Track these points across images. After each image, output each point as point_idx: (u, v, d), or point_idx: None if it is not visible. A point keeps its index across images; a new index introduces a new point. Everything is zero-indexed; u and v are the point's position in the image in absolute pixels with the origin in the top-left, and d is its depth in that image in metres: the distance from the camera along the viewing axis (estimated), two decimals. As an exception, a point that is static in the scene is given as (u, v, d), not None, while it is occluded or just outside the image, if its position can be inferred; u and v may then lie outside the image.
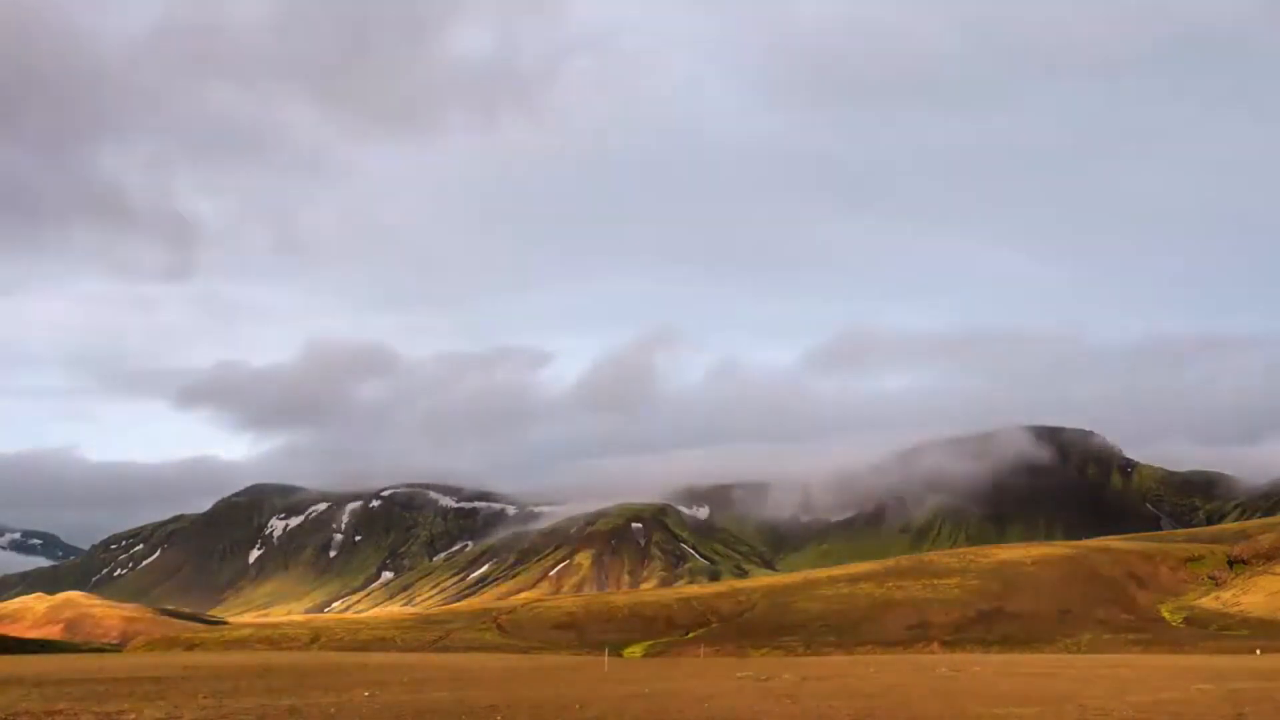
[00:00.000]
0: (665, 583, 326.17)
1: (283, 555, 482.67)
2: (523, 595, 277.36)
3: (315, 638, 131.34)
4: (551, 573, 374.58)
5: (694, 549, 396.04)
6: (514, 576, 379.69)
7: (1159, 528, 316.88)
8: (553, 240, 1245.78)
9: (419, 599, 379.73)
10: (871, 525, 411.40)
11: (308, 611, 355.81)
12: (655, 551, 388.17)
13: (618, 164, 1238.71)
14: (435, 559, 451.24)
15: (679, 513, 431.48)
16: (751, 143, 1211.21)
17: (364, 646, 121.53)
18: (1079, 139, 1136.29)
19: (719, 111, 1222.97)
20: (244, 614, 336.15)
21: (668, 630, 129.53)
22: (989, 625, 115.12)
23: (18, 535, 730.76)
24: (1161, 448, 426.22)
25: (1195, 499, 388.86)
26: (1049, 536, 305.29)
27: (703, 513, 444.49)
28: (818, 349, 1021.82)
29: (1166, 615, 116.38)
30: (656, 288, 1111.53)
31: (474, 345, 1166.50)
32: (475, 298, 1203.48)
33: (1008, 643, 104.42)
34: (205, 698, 39.32)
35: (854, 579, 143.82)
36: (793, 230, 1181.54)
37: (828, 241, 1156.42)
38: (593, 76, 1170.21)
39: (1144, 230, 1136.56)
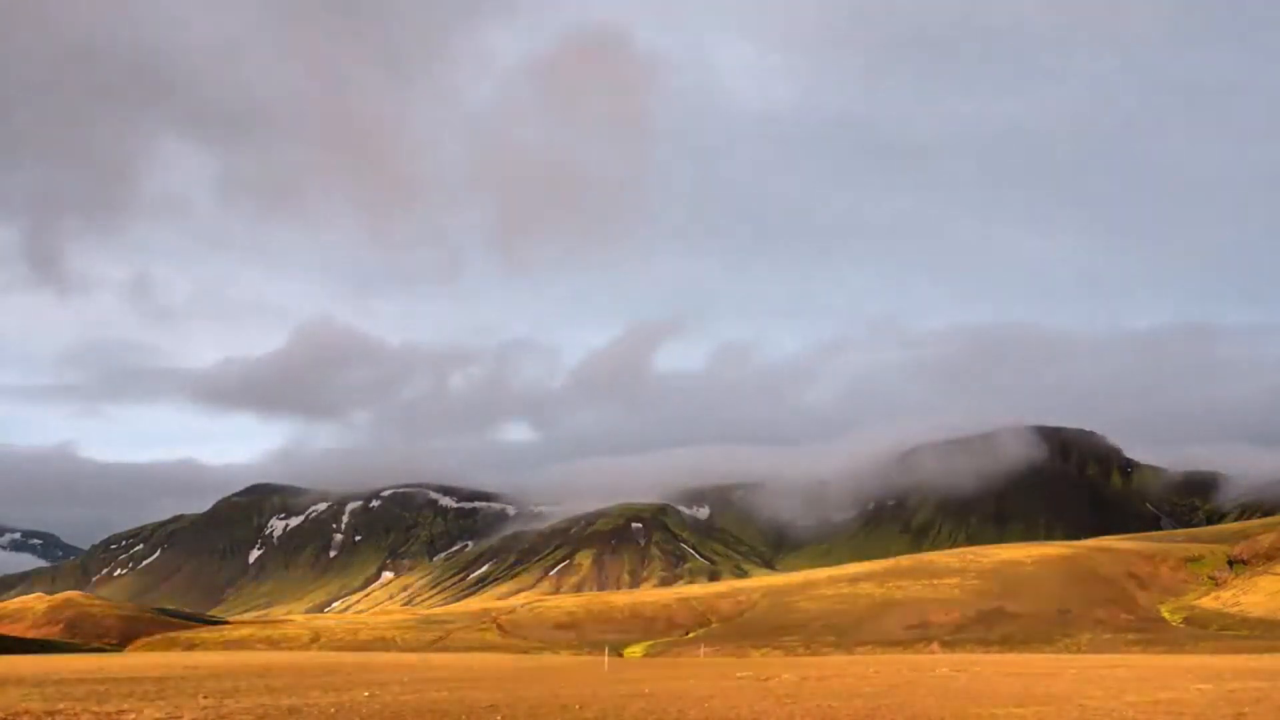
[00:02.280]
0: (665, 583, 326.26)
1: (283, 555, 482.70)
2: (523, 595, 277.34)
3: (315, 638, 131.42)
4: (551, 573, 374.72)
5: (694, 549, 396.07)
6: (514, 576, 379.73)
7: (1159, 528, 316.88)
8: (558, 224, 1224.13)
9: (419, 599, 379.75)
10: (871, 525, 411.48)
11: (308, 611, 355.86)
12: (655, 551, 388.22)
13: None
14: (435, 559, 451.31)
15: (679, 513, 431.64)
16: (772, 113, 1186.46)
17: (364, 646, 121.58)
18: (1107, 121, 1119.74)
19: (737, 80, 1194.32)
20: (244, 614, 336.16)
21: (668, 630, 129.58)
22: (989, 625, 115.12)
23: (18, 535, 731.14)
24: (1161, 448, 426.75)
25: (1195, 499, 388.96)
26: (1049, 536, 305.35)
27: (703, 513, 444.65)
28: (821, 344, 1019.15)
29: (1166, 615, 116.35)
30: (663, 274, 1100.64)
31: (477, 341, 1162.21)
32: (478, 288, 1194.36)
33: (1008, 643, 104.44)
34: (205, 698, 39.33)
35: (854, 579, 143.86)
36: (805, 211, 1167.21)
37: (843, 223, 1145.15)
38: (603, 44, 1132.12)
39: (1148, 224, 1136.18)
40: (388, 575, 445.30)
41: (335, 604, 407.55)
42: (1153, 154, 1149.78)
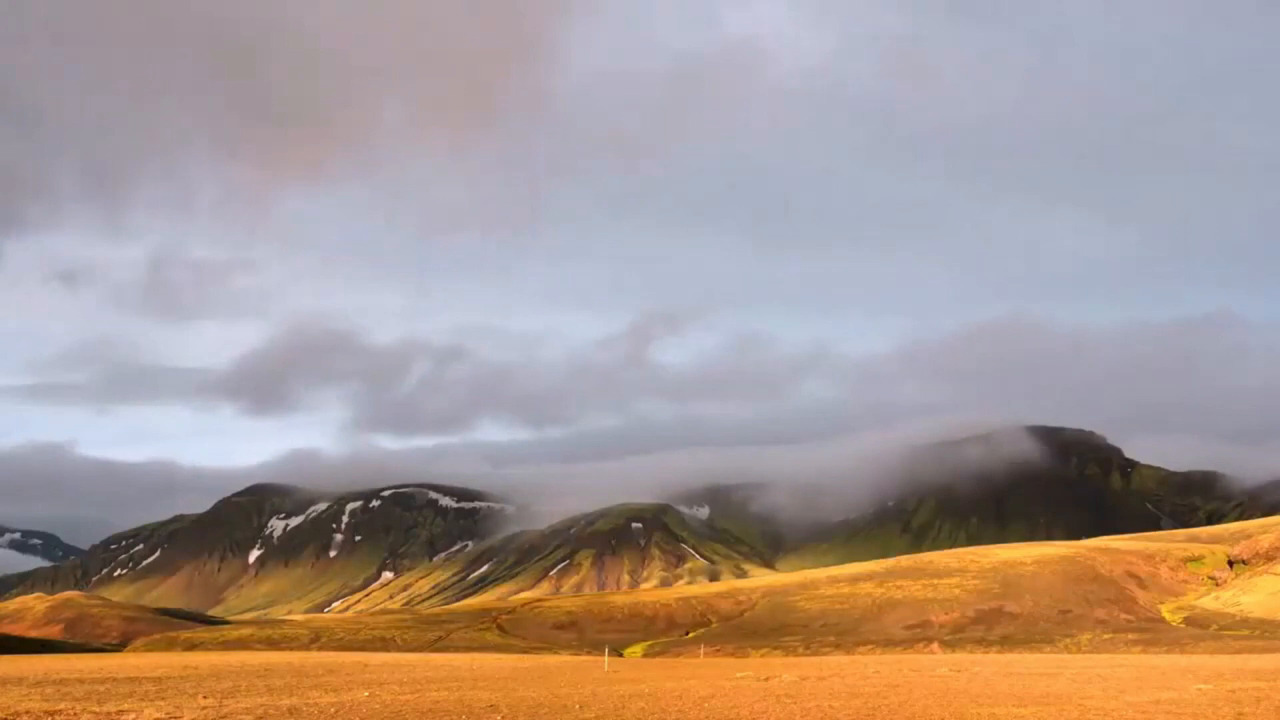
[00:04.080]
0: (665, 583, 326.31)
1: (283, 555, 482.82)
2: (523, 595, 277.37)
3: (315, 638, 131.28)
4: (551, 573, 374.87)
5: (694, 549, 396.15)
6: (514, 576, 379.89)
7: (1159, 528, 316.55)
8: (558, 212, 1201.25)
9: (419, 599, 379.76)
10: (871, 525, 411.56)
11: (308, 611, 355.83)
12: (655, 551, 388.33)
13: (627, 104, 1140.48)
14: (435, 559, 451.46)
15: (679, 513, 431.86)
16: (797, 82, 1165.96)
17: (364, 646, 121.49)
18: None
19: (761, 41, 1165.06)
20: (244, 614, 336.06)
21: (668, 630, 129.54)
22: (989, 625, 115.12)
23: (18, 535, 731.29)
24: (1161, 448, 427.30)
25: (1195, 499, 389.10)
26: (1049, 536, 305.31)
27: (703, 513, 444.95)
28: (821, 342, 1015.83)
29: (1166, 615, 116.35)
30: (665, 269, 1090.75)
31: (477, 339, 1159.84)
32: (478, 285, 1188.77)
33: (1008, 643, 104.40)
34: (205, 698, 39.33)
35: (854, 579, 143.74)
36: (806, 208, 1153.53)
37: (843, 221, 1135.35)
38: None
39: (1149, 220, 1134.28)
40: (388, 575, 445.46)
41: (335, 604, 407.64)
42: (1157, 149, 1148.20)
